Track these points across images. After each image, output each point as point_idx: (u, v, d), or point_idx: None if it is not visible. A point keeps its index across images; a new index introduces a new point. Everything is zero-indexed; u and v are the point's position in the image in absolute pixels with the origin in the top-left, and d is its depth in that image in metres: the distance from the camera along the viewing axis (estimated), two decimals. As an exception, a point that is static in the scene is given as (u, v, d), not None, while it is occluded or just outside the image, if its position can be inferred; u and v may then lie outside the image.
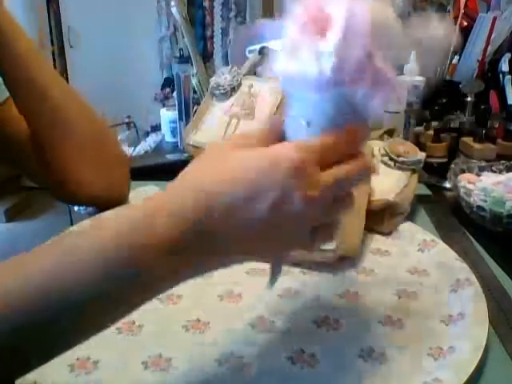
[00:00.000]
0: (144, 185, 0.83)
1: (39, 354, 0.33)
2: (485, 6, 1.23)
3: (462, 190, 0.73)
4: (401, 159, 0.74)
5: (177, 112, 1.11)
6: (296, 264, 0.58)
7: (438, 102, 1.06)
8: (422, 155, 0.76)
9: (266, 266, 0.40)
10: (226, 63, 1.48)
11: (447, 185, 0.84)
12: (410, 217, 0.71)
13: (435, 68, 0.35)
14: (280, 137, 0.38)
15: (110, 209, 0.71)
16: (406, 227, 0.67)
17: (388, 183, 0.69)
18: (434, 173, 0.89)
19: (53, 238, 0.63)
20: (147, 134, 1.32)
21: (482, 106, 1.02)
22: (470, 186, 0.73)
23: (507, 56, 1.08)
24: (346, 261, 0.58)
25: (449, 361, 0.42)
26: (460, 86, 1.01)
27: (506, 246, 0.66)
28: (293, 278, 0.56)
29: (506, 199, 0.67)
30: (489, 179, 0.74)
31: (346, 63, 0.33)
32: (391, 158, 0.74)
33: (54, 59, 2.56)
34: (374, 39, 0.33)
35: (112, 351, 0.44)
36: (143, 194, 0.80)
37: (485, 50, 1.08)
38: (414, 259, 0.61)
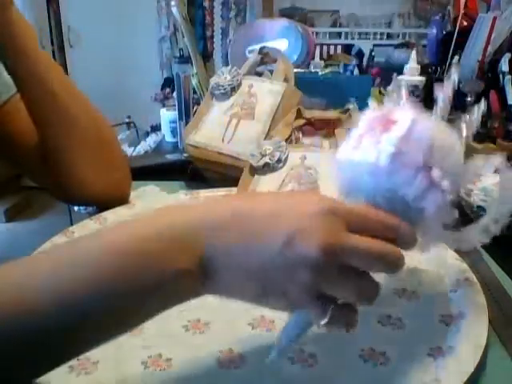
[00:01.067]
0: (144, 185, 0.84)
1: (62, 353, 0.33)
2: (485, 6, 1.23)
3: (461, 190, 0.73)
4: (401, 159, 0.74)
5: (177, 112, 1.11)
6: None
7: (438, 101, 1.06)
8: (422, 155, 0.76)
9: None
10: (226, 63, 1.48)
11: (447, 185, 0.84)
12: (410, 217, 0.70)
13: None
14: None
15: (111, 208, 0.71)
16: (406, 227, 0.67)
17: (388, 183, 0.69)
18: (433, 173, 0.89)
19: (53, 238, 0.63)
20: (147, 134, 1.32)
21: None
22: (470, 186, 0.73)
23: (507, 56, 1.08)
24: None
25: (449, 361, 0.42)
26: (460, 85, 1.01)
27: (506, 246, 0.66)
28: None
29: (505, 199, 0.67)
30: (489, 179, 0.74)
31: (403, 160, 0.37)
32: (391, 158, 0.74)
33: (54, 59, 2.57)
34: (433, 155, 0.37)
35: (112, 351, 0.44)
36: (143, 193, 0.80)
37: (485, 50, 1.08)
38: (414, 259, 0.61)
